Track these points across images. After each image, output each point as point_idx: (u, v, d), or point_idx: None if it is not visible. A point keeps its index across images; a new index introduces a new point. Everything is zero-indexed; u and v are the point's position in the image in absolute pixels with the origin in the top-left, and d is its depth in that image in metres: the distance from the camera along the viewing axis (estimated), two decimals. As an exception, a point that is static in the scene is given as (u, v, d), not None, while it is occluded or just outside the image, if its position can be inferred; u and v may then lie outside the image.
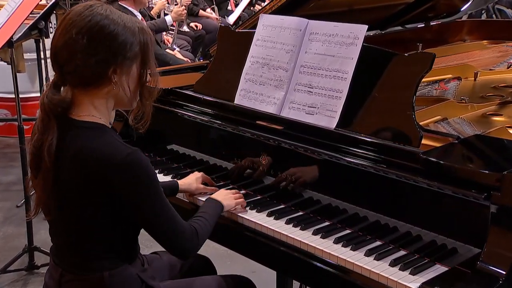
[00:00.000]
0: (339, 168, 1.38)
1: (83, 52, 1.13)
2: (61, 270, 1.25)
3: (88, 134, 1.16)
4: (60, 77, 1.17)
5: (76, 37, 1.12)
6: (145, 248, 1.38)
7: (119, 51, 1.15)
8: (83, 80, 1.16)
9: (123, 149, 1.14)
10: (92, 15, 1.14)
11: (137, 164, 1.14)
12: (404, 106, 1.36)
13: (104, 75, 1.16)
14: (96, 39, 1.13)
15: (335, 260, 1.28)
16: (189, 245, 1.24)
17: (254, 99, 1.62)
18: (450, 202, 1.21)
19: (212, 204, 1.39)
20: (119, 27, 1.15)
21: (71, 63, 1.14)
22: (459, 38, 2.54)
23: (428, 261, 1.24)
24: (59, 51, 1.15)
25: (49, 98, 1.15)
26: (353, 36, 1.46)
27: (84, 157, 1.14)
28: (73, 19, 1.14)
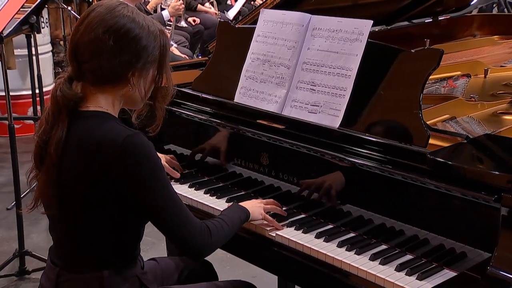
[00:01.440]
0: (343, 169, 1.39)
1: (108, 52, 1.17)
2: (59, 270, 1.26)
3: (91, 121, 1.19)
4: (77, 73, 1.20)
5: (102, 36, 1.16)
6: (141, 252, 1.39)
7: (141, 54, 1.20)
8: (101, 79, 1.20)
9: (123, 131, 1.17)
10: (119, 16, 1.18)
11: (138, 147, 1.15)
12: (411, 104, 1.36)
13: (124, 77, 1.20)
14: (122, 41, 1.17)
15: (339, 265, 1.29)
16: (200, 242, 1.22)
17: (255, 97, 1.63)
18: (458, 204, 1.21)
19: (237, 209, 1.37)
20: (144, 31, 1.20)
21: (93, 62, 1.18)
22: (468, 34, 2.54)
23: (436, 265, 1.25)
24: (81, 48, 1.18)
25: (63, 92, 1.19)
26: (357, 31, 1.47)
27: (85, 144, 1.17)
28: (99, 18, 1.17)
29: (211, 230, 1.24)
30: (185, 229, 1.20)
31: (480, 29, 2.56)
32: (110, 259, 1.24)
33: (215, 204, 1.56)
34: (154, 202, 1.18)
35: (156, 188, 1.17)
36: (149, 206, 1.19)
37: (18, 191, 2.44)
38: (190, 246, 1.22)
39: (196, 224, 1.22)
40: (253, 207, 1.41)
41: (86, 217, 1.21)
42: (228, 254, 1.62)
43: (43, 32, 3.87)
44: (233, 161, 1.64)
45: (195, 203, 1.59)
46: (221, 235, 1.27)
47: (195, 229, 1.21)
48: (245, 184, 1.62)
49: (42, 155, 1.21)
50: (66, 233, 1.25)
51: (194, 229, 1.21)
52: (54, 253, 1.30)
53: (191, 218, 1.22)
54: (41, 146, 1.20)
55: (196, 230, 1.21)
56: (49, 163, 1.19)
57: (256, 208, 1.41)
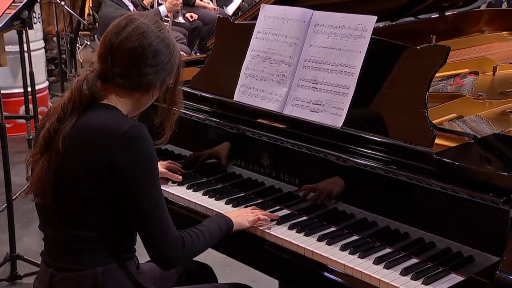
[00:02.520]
0: (346, 169, 1.40)
1: (145, 64, 1.26)
2: (51, 271, 1.28)
3: (96, 111, 1.25)
4: (106, 74, 1.27)
5: (147, 49, 1.25)
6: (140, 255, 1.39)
7: (169, 69, 1.31)
8: (128, 86, 1.28)
9: (128, 121, 1.23)
10: (160, 31, 1.28)
11: (139, 139, 1.21)
12: (416, 103, 1.37)
13: (146, 88, 1.29)
14: (160, 56, 1.28)
15: (342, 269, 1.29)
16: (170, 253, 1.24)
17: (255, 95, 1.64)
18: (466, 206, 1.22)
19: (218, 219, 1.39)
20: (172, 47, 1.31)
21: (128, 69, 1.26)
22: (476, 29, 2.55)
23: (443, 270, 1.25)
24: (120, 52, 1.26)
25: (90, 87, 1.26)
26: (361, 28, 1.48)
27: (87, 130, 1.23)
28: (145, 29, 1.27)
29: (186, 242, 1.26)
30: (161, 236, 1.22)
31: (488, 25, 2.57)
32: (104, 255, 1.25)
33: (214, 206, 1.56)
34: (140, 197, 1.21)
35: (146, 183, 1.20)
36: (134, 200, 1.21)
37: (9, 193, 2.44)
38: (160, 255, 1.25)
39: (172, 234, 1.24)
40: (238, 216, 1.43)
41: (80, 209, 1.23)
42: (227, 258, 1.62)
43: (35, 28, 3.87)
44: (233, 161, 1.65)
45: (193, 205, 1.60)
46: (194, 248, 1.29)
47: (171, 239, 1.24)
48: (245, 186, 1.62)
49: (49, 142, 1.24)
50: (59, 229, 1.27)
51: (170, 239, 1.23)
52: (46, 253, 1.32)
53: (170, 228, 1.24)
54: (50, 133, 1.24)
55: (170, 241, 1.24)
56: (54, 151, 1.23)
57: (240, 218, 1.42)
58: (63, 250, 1.27)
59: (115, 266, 1.26)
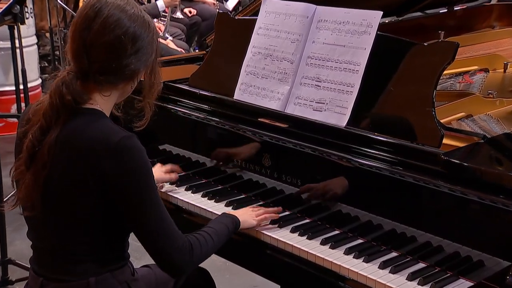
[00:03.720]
0: (350, 170, 1.40)
1: (126, 54, 1.22)
2: (42, 280, 1.27)
3: (83, 119, 1.22)
4: (84, 73, 1.23)
5: (124, 39, 1.21)
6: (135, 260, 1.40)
7: (148, 54, 1.26)
8: (109, 78, 1.23)
9: (118, 132, 1.20)
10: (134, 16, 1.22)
11: (131, 150, 1.19)
12: (423, 101, 1.38)
13: (130, 77, 1.25)
14: (139, 41, 1.23)
15: (346, 273, 1.30)
16: (179, 259, 1.24)
17: (256, 94, 1.64)
18: (475, 209, 1.22)
19: (225, 219, 1.39)
20: (150, 29, 1.25)
21: (108, 62, 1.21)
22: (487, 25, 2.54)
23: (451, 275, 1.26)
24: (96, 48, 1.21)
25: (70, 90, 1.21)
26: (366, 23, 1.48)
27: (77, 142, 1.20)
28: (116, 18, 1.21)
29: (194, 247, 1.26)
30: (167, 243, 1.22)
31: (499, 20, 2.56)
32: (96, 265, 1.25)
33: (214, 208, 1.57)
34: (139, 210, 1.20)
35: (144, 195, 1.20)
36: (133, 213, 1.21)
37: (1, 195, 2.45)
38: (168, 262, 1.24)
39: (178, 239, 1.24)
40: (244, 215, 1.43)
41: (71, 219, 1.23)
42: (227, 262, 1.63)
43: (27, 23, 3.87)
44: (233, 162, 1.65)
45: (192, 207, 1.60)
46: (203, 252, 1.29)
47: (176, 244, 1.23)
48: (245, 187, 1.63)
49: (33, 154, 1.22)
50: (48, 239, 1.26)
51: (176, 245, 1.23)
52: (35, 261, 1.31)
53: (174, 232, 1.24)
54: (34, 144, 1.22)
55: (177, 246, 1.23)
56: (40, 163, 1.21)
57: (246, 216, 1.43)
58: (54, 260, 1.26)
59: (108, 276, 1.26)
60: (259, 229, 1.45)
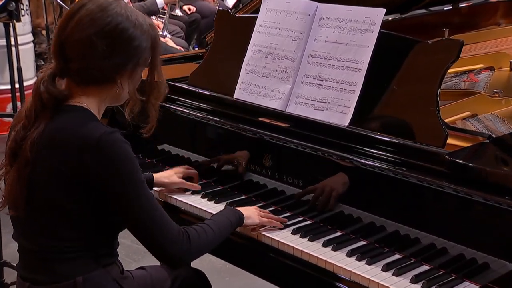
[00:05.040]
0: (352, 171, 1.40)
1: (98, 55, 1.20)
2: (29, 285, 1.28)
3: (67, 116, 1.23)
4: (62, 70, 1.24)
5: (95, 39, 1.19)
6: (132, 262, 1.41)
7: (133, 55, 1.24)
8: (88, 80, 1.24)
9: (99, 128, 1.20)
10: (113, 15, 1.21)
11: (113, 145, 1.19)
12: (427, 100, 1.38)
13: (112, 78, 1.24)
14: (115, 44, 1.21)
15: (348, 276, 1.30)
16: (176, 248, 1.24)
17: (257, 93, 1.65)
18: (480, 210, 1.23)
19: (227, 212, 1.40)
20: (137, 30, 1.23)
21: (82, 62, 1.21)
22: (492, 22, 2.55)
23: (455, 277, 1.26)
24: (70, 45, 1.21)
25: (47, 88, 1.22)
26: (369, 21, 1.48)
27: (58, 138, 1.21)
28: (91, 17, 1.20)
29: (191, 236, 1.26)
30: (160, 233, 1.23)
31: (505, 17, 2.57)
32: (83, 264, 1.25)
33: (214, 209, 1.57)
34: (127, 204, 1.21)
35: (130, 189, 1.20)
36: (122, 208, 1.22)
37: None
38: (165, 252, 1.25)
39: (173, 229, 1.25)
40: (248, 210, 1.44)
41: (57, 217, 1.23)
42: (227, 264, 1.64)
43: (23, 21, 3.88)
44: (233, 162, 1.66)
45: (192, 208, 1.61)
46: (203, 241, 1.29)
47: (171, 235, 1.24)
48: (246, 188, 1.63)
49: (17, 151, 1.24)
50: (33, 239, 1.27)
51: (170, 234, 1.23)
52: (22, 266, 1.31)
53: (168, 223, 1.24)
54: (17, 142, 1.23)
55: (172, 236, 1.24)
56: (22, 160, 1.22)
57: (250, 212, 1.43)
58: (40, 261, 1.27)
59: (96, 274, 1.26)
60: (260, 230, 1.45)
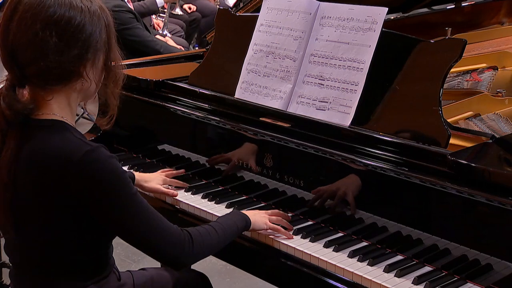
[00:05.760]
0: (354, 171, 1.40)
1: (53, 50, 1.12)
2: None
3: (44, 132, 1.16)
4: (20, 79, 1.15)
5: (42, 34, 1.11)
6: (132, 263, 1.41)
7: (90, 42, 1.16)
8: (50, 80, 1.15)
9: (81, 147, 1.14)
10: (54, 5, 1.12)
11: (97, 163, 1.14)
12: (430, 100, 1.38)
13: (76, 72, 1.16)
14: (66, 34, 1.13)
15: (350, 277, 1.30)
16: (178, 250, 1.22)
17: (257, 92, 1.65)
18: (483, 211, 1.23)
19: (234, 216, 1.38)
20: (86, 15, 1.15)
21: (38, 64, 1.13)
22: (495, 21, 2.55)
23: (458, 279, 1.26)
24: (19, 50, 1.13)
25: (9, 104, 1.14)
26: (370, 20, 1.49)
27: (39, 159, 1.15)
28: (32, 12, 1.11)
29: (194, 237, 1.24)
30: (160, 239, 1.20)
31: (508, 16, 2.56)
32: (80, 279, 1.23)
33: (214, 210, 1.57)
34: (122, 217, 1.18)
35: (122, 202, 1.17)
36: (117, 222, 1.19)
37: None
38: (167, 257, 1.23)
39: (173, 232, 1.22)
40: (256, 215, 1.42)
41: (45, 239, 1.20)
42: (228, 265, 1.64)
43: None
44: (234, 162, 1.66)
45: (192, 209, 1.61)
46: (207, 243, 1.27)
47: (172, 238, 1.22)
48: (246, 188, 1.63)
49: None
50: (25, 258, 1.24)
51: (170, 238, 1.21)
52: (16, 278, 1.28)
53: (167, 227, 1.22)
54: None
55: (172, 239, 1.21)
56: (1, 185, 1.17)
57: (259, 217, 1.42)
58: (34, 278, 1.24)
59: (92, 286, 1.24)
60: (264, 234, 1.45)
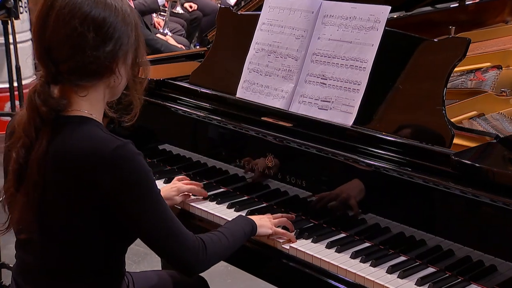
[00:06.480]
0: (357, 171, 1.41)
1: (90, 46, 1.15)
2: None
3: (73, 129, 1.18)
4: (53, 76, 1.17)
5: (81, 29, 1.14)
6: (133, 264, 1.41)
7: (122, 40, 1.18)
8: (85, 76, 1.17)
9: (111, 142, 1.16)
10: (91, 2, 1.15)
11: (127, 159, 1.15)
12: (433, 100, 1.38)
13: (109, 68, 1.19)
14: (102, 30, 1.16)
15: (353, 278, 1.30)
16: (193, 258, 1.23)
17: (259, 92, 1.65)
18: (487, 211, 1.23)
19: (241, 222, 1.39)
20: (119, 14, 1.18)
21: (74, 59, 1.15)
22: (500, 20, 2.54)
23: (462, 280, 1.26)
24: (57, 46, 1.15)
25: (44, 100, 1.16)
26: (373, 19, 1.49)
27: (67, 155, 1.16)
28: (71, 7, 1.14)
29: (207, 245, 1.26)
30: (177, 243, 1.21)
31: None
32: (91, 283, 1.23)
33: (215, 210, 1.58)
34: (144, 216, 1.19)
35: (146, 200, 1.18)
36: (138, 221, 1.19)
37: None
38: (182, 263, 1.24)
39: (189, 238, 1.23)
40: (261, 219, 1.43)
41: (67, 239, 1.20)
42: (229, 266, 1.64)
43: (21, 18, 3.89)
44: (235, 162, 1.66)
45: (193, 209, 1.61)
46: (218, 251, 1.28)
47: (188, 244, 1.23)
48: (248, 188, 1.64)
49: (22, 173, 1.18)
50: (46, 260, 1.23)
51: (187, 244, 1.23)
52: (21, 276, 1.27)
53: (184, 233, 1.23)
54: (20, 163, 1.17)
55: (188, 245, 1.23)
56: (30, 183, 1.17)
57: (263, 221, 1.43)
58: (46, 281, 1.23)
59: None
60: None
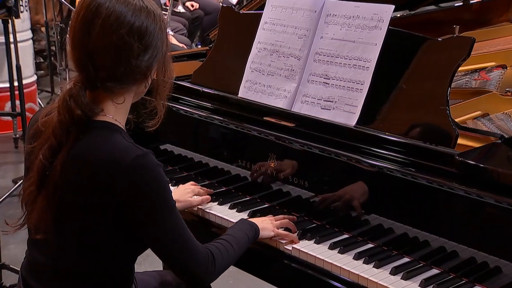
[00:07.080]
0: (360, 171, 1.41)
1: (135, 55, 1.16)
2: None
3: (95, 134, 1.18)
4: (92, 81, 1.18)
5: (128, 39, 1.15)
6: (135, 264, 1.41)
7: (158, 47, 1.21)
8: (124, 84, 1.19)
9: (132, 151, 1.16)
10: (135, 10, 1.16)
11: (147, 169, 1.15)
12: (437, 99, 1.38)
13: (145, 75, 1.21)
14: (145, 39, 1.17)
15: (356, 279, 1.30)
16: (202, 271, 1.24)
17: (261, 91, 1.65)
18: (491, 212, 1.23)
19: (244, 226, 1.39)
20: (157, 22, 1.20)
21: (118, 67, 1.16)
22: (505, 19, 2.54)
23: (466, 282, 1.26)
24: (100, 53, 1.16)
25: (80, 104, 1.16)
26: (377, 18, 1.49)
27: (88, 159, 1.16)
28: (116, 16, 1.15)
29: (215, 256, 1.26)
30: (189, 257, 1.22)
31: (518, 14, 2.56)
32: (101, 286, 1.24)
33: (216, 210, 1.58)
34: (158, 227, 1.19)
35: (163, 211, 1.18)
36: (152, 231, 1.20)
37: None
38: (192, 276, 1.24)
39: (201, 251, 1.24)
40: (263, 222, 1.43)
41: (82, 242, 1.21)
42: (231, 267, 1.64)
43: (22, 17, 3.91)
44: (237, 162, 1.66)
45: (194, 209, 1.61)
46: (226, 261, 1.29)
47: (199, 257, 1.23)
48: (250, 189, 1.64)
49: (44, 175, 1.19)
50: (61, 261, 1.24)
51: (199, 257, 1.23)
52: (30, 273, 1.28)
53: (196, 246, 1.24)
54: (45, 165, 1.18)
55: (200, 258, 1.23)
56: (51, 185, 1.18)
57: (265, 223, 1.43)
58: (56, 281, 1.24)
59: None
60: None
